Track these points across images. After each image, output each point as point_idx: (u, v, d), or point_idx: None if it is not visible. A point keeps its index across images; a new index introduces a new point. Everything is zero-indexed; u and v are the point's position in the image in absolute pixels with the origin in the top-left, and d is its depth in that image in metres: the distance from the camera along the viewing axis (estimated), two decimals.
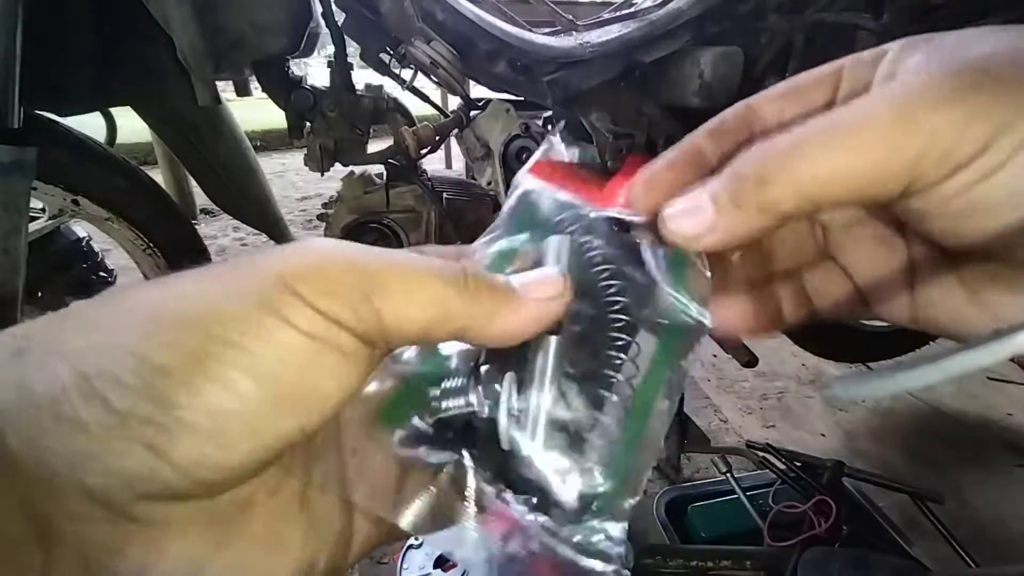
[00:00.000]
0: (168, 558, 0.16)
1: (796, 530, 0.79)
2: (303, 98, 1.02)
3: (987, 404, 1.46)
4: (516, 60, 1.01)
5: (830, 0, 1.00)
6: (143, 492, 0.15)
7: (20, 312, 0.90)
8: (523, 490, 0.21)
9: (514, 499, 0.21)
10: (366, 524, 0.21)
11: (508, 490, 0.21)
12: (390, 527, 0.20)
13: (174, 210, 1.20)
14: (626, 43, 1.02)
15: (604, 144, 1.06)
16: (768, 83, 0.49)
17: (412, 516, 0.20)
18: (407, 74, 1.00)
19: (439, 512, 0.20)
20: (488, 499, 0.21)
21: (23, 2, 0.80)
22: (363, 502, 0.20)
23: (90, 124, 1.05)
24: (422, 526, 0.20)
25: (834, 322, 0.27)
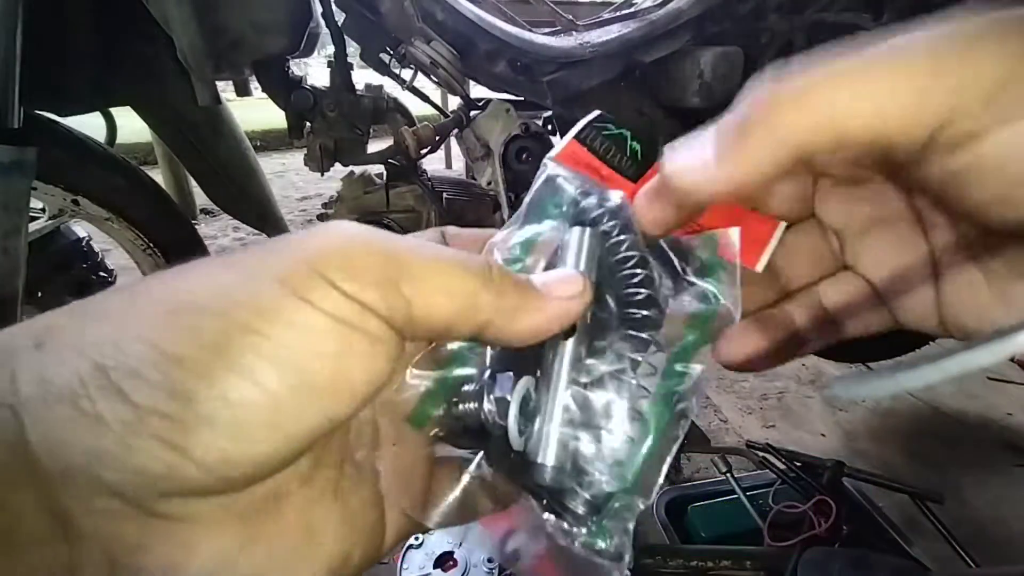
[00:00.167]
0: (198, 555, 0.15)
1: (796, 530, 0.78)
2: (303, 98, 1.02)
3: (987, 404, 1.46)
4: (516, 60, 1.01)
5: (830, 0, 1.00)
6: (164, 489, 0.14)
7: (20, 312, 0.90)
8: (534, 491, 0.21)
9: (528, 498, 0.21)
10: (398, 517, 0.20)
11: (522, 489, 0.21)
12: (418, 521, 0.20)
13: (174, 210, 1.20)
14: (626, 43, 1.02)
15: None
16: None
17: (439, 516, 0.20)
18: (407, 74, 1.00)
19: (464, 508, 0.20)
20: (504, 498, 0.21)
21: (23, 2, 0.80)
22: (395, 495, 0.20)
23: (90, 124, 1.05)
24: (446, 522, 0.20)
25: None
